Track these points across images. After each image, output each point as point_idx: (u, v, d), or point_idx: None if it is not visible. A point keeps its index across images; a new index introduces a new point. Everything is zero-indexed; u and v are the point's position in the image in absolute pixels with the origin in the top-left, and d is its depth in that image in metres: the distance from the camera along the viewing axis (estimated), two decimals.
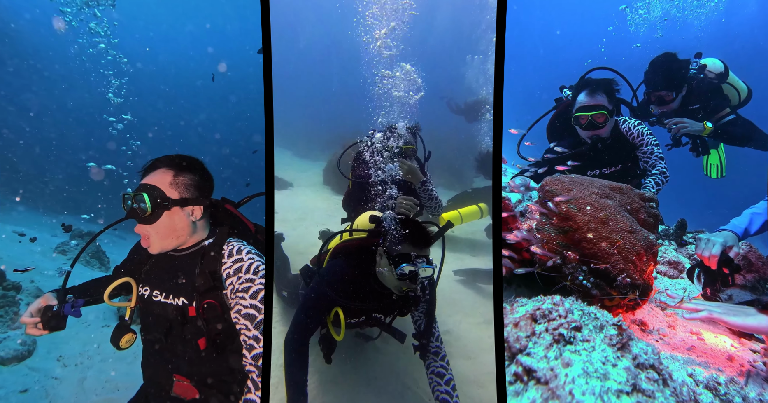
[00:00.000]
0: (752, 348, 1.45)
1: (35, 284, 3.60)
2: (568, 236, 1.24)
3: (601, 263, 1.21)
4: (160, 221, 1.26)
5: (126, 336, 1.37)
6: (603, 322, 0.98)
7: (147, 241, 1.29)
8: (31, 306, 1.34)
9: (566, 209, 1.26)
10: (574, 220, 1.24)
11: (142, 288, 1.38)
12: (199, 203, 1.32)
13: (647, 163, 2.51)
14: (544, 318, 0.96)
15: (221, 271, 1.27)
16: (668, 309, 1.67)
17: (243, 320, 1.22)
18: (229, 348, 1.27)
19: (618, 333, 0.96)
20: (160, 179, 1.28)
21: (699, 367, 1.24)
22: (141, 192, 1.24)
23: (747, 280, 1.88)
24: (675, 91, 2.70)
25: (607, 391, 0.83)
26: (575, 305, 1.04)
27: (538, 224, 1.36)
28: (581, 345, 0.91)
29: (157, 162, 1.33)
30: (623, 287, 1.25)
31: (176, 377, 1.30)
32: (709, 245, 1.59)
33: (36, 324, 1.31)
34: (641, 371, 0.91)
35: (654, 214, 1.51)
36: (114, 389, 2.60)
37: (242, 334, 1.23)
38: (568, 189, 1.35)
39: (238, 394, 1.26)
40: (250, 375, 1.23)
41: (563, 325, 0.93)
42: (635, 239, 1.29)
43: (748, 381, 1.21)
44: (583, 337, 0.93)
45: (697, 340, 1.48)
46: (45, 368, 2.68)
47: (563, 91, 2.69)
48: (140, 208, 1.24)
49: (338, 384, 2.12)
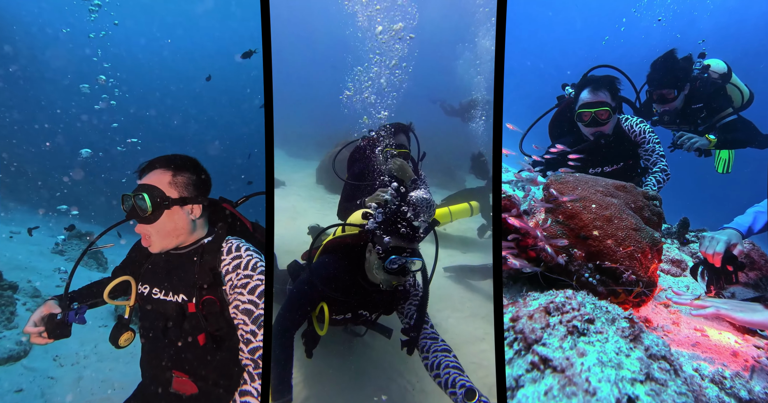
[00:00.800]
0: (756, 344, 1.45)
1: (32, 284, 3.57)
2: (573, 234, 1.23)
3: (607, 261, 1.20)
4: (160, 221, 1.26)
5: (125, 335, 1.37)
6: (615, 315, 0.99)
7: (148, 240, 1.29)
8: (34, 315, 1.33)
9: (572, 207, 1.25)
10: (580, 218, 1.23)
11: (141, 286, 1.38)
12: (198, 202, 1.33)
13: (648, 161, 2.51)
14: (558, 311, 0.97)
15: (220, 268, 1.28)
16: (673, 306, 1.67)
17: (241, 315, 1.23)
18: (227, 344, 1.28)
19: (630, 326, 0.97)
20: (159, 179, 1.28)
21: (704, 362, 1.25)
22: (141, 192, 1.25)
23: (750, 278, 1.89)
24: (677, 89, 2.68)
25: (621, 379, 0.85)
26: (587, 299, 1.05)
27: (543, 222, 1.35)
28: (595, 337, 0.93)
29: (155, 162, 1.33)
30: (629, 283, 1.25)
31: (175, 373, 1.31)
32: (713, 242, 1.59)
33: (40, 333, 1.30)
34: (653, 361, 0.92)
35: (658, 212, 1.50)
36: (110, 389, 2.57)
37: (240, 328, 1.24)
38: (573, 187, 1.34)
39: (236, 388, 1.26)
40: (246, 368, 1.24)
41: (576, 317, 0.94)
42: (640, 237, 1.29)
43: (753, 376, 1.21)
44: (596, 329, 0.95)
45: (702, 336, 1.48)
46: (41, 367, 2.64)
47: (565, 88, 2.67)
48: (140, 208, 1.24)
49: (324, 377, 2.14)
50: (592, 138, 2.38)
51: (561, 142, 2.53)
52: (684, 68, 2.68)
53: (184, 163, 1.35)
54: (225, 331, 1.26)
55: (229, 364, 1.29)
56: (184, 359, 1.30)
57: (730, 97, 2.89)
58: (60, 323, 1.30)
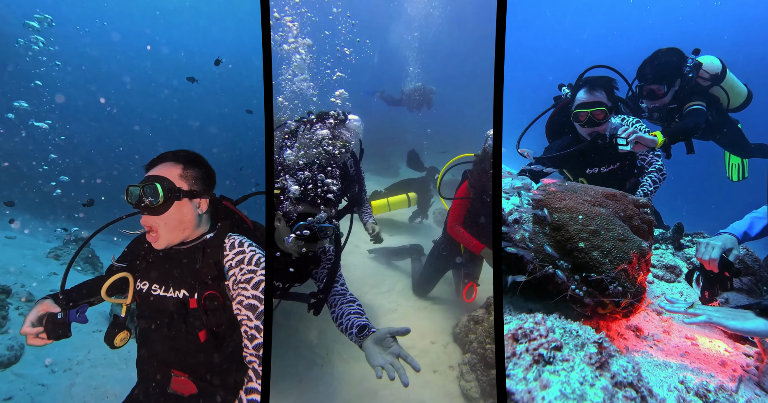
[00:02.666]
0: (746, 352, 1.44)
1: (26, 288, 3.55)
2: (560, 246, 1.21)
3: (593, 273, 1.18)
4: (169, 212, 1.25)
5: (121, 334, 1.35)
6: (584, 340, 0.97)
7: (154, 235, 1.27)
8: (30, 315, 1.27)
9: (558, 218, 1.23)
10: (566, 229, 1.22)
11: (140, 283, 1.35)
12: (206, 196, 1.33)
13: (644, 160, 2.50)
14: (525, 338, 0.96)
15: (223, 262, 1.28)
16: (665, 313, 1.65)
17: (245, 310, 1.22)
18: (228, 340, 1.27)
19: (598, 352, 0.95)
20: (169, 171, 1.28)
21: (690, 374, 1.24)
22: (152, 182, 1.23)
23: (744, 283, 1.87)
24: (666, 84, 2.65)
25: None
26: (557, 323, 1.03)
27: (530, 234, 1.33)
28: (560, 365, 0.91)
29: (164, 156, 1.34)
30: (616, 295, 1.23)
31: (174, 373, 1.29)
32: (709, 248, 1.57)
33: (38, 334, 1.25)
34: (619, 389, 0.90)
35: (648, 220, 1.49)
36: (104, 396, 2.55)
37: (244, 324, 1.23)
38: (560, 198, 1.32)
39: (237, 386, 1.25)
40: (251, 365, 1.22)
41: (543, 345, 0.93)
42: (627, 247, 1.27)
43: (740, 386, 1.20)
44: (563, 356, 0.93)
45: (692, 345, 1.47)
46: (32, 374, 2.61)
47: (562, 89, 2.65)
48: (150, 198, 1.23)
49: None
50: (588, 138, 2.37)
51: (558, 142, 2.52)
52: (675, 64, 2.64)
53: (193, 158, 1.36)
54: (226, 327, 1.25)
55: (231, 363, 1.28)
56: (184, 358, 1.28)
57: (718, 98, 2.84)
58: (60, 322, 1.25)
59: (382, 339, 1.31)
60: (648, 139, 2.20)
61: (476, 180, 2.71)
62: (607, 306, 1.30)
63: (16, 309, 3.20)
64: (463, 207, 2.82)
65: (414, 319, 3.01)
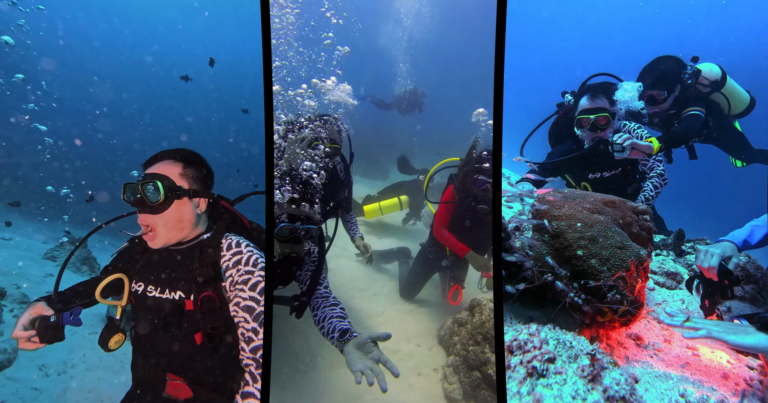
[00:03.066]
0: (749, 365, 1.40)
1: (21, 290, 3.52)
2: (558, 253, 1.19)
3: (591, 280, 1.16)
4: (168, 211, 1.23)
5: (115, 337, 1.32)
6: (577, 351, 0.96)
7: (152, 234, 1.24)
8: (22, 318, 1.24)
9: (557, 226, 1.21)
10: (564, 237, 1.19)
11: (135, 284, 1.33)
12: (205, 196, 1.32)
13: (646, 165, 2.50)
14: (520, 349, 0.94)
15: (220, 263, 1.26)
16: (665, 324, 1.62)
17: (242, 312, 1.20)
18: (224, 343, 1.24)
19: (590, 364, 0.93)
20: (169, 170, 1.27)
21: (691, 386, 1.21)
22: (152, 180, 1.21)
23: (746, 291, 1.84)
24: (667, 90, 2.65)
25: None
26: (551, 333, 1.02)
27: (530, 242, 1.31)
28: (554, 378, 0.90)
29: (163, 154, 1.32)
30: (614, 303, 1.21)
31: (169, 376, 1.26)
32: (708, 256, 1.55)
33: (30, 338, 1.21)
34: None
35: (647, 227, 1.46)
36: (98, 400, 2.52)
37: (240, 326, 1.21)
38: (559, 206, 1.30)
39: (233, 390, 1.23)
40: (247, 368, 1.20)
41: (537, 357, 0.91)
42: (625, 255, 1.24)
43: (744, 402, 1.17)
44: (556, 369, 0.92)
45: (693, 355, 1.44)
46: (25, 378, 2.58)
47: (565, 96, 2.70)
48: (149, 196, 1.21)
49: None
50: (591, 144, 2.37)
51: (560, 148, 2.53)
52: (675, 70, 2.64)
53: (193, 157, 1.34)
54: (222, 330, 1.22)
55: (227, 366, 1.25)
56: (180, 361, 1.25)
57: (718, 104, 2.84)
58: (53, 325, 1.21)
59: (363, 344, 1.29)
60: (643, 145, 2.21)
61: (460, 184, 2.72)
62: (606, 314, 1.27)
63: (10, 311, 3.18)
64: (448, 210, 2.83)
65: (400, 322, 2.99)
